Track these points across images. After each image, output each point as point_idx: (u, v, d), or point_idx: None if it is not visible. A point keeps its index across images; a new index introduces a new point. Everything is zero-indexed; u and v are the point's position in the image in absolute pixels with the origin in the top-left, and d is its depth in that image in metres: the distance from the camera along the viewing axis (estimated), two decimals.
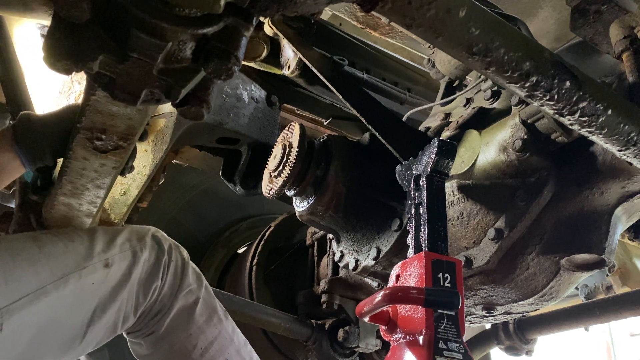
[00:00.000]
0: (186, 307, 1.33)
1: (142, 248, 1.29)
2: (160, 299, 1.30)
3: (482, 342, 2.13)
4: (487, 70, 0.85)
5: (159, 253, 1.31)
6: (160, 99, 0.80)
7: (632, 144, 0.97)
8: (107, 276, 1.22)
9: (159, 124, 1.73)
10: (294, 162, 1.38)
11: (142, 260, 1.28)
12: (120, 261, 1.25)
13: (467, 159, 1.27)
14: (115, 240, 1.27)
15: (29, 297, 1.09)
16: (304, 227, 2.28)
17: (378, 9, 0.74)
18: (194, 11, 0.72)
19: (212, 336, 1.35)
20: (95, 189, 1.33)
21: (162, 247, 1.33)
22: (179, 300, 1.32)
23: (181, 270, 1.34)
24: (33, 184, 1.51)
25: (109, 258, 1.23)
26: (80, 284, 1.17)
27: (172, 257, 1.34)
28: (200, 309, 1.34)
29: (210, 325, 1.35)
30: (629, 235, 1.67)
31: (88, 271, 1.19)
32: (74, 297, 1.16)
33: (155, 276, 1.29)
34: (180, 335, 1.32)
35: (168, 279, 1.31)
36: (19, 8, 1.31)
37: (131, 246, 1.28)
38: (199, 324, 1.33)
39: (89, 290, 1.19)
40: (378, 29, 1.71)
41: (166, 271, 1.31)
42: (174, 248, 1.36)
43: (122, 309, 1.25)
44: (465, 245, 1.27)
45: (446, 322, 0.91)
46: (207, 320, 1.35)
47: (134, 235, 1.31)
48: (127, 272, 1.25)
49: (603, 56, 1.24)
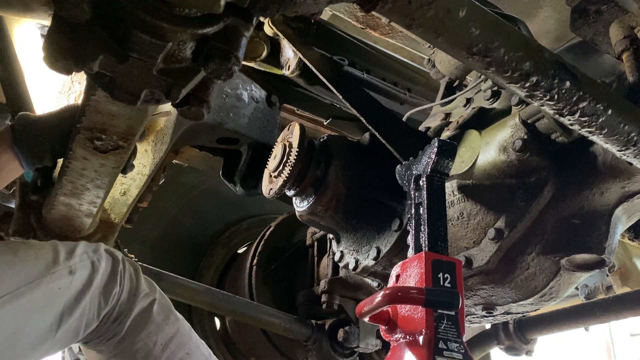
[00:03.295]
0: (144, 308, 1.42)
1: (99, 259, 1.39)
2: (119, 303, 1.40)
3: (482, 342, 2.13)
4: (487, 70, 0.85)
5: (114, 263, 1.41)
6: (160, 99, 0.80)
7: (632, 144, 0.97)
8: (71, 282, 1.31)
9: (159, 124, 1.72)
10: (294, 162, 1.38)
11: (101, 269, 1.37)
12: (82, 269, 1.34)
13: (467, 159, 1.27)
14: (75, 251, 1.36)
15: (7, 297, 1.17)
16: (304, 227, 2.28)
17: (378, 9, 0.74)
18: (194, 11, 0.72)
19: (171, 333, 1.44)
20: (95, 189, 1.33)
21: (116, 258, 1.43)
22: (137, 303, 1.42)
23: (135, 277, 1.45)
24: (33, 184, 1.51)
25: (72, 266, 1.33)
26: (50, 288, 1.26)
27: (126, 266, 1.44)
28: (157, 308, 1.44)
29: (168, 323, 1.44)
30: (629, 235, 1.66)
31: (56, 276, 1.28)
32: (44, 300, 1.25)
33: (114, 283, 1.39)
34: (140, 334, 1.40)
35: (125, 285, 1.41)
36: (19, 8, 1.31)
37: (89, 257, 1.37)
38: (157, 322, 1.43)
39: (57, 295, 1.28)
40: (378, 29, 1.71)
41: (123, 278, 1.41)
42: (126, 259, 1.47)
43: (85, 314, 1.33)
44: (465, 245, 1.27)
45: (446, 322, 0.91)
46: (165, 318, 1.44)
47: (89, 248, 1.40)
48: (89, 280, 1.34)
49: (603, 56, 1.24)
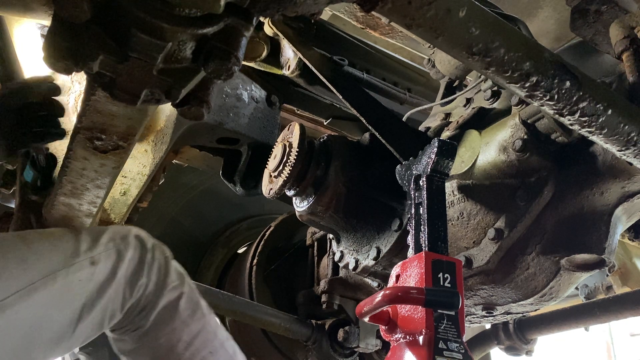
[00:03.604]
0: (171, 302, 1.36)
1: (126, 247, 1.31)
2: (145, 295, 1.32)
3: (482, 342, 2.13)
4: (487, 70, 0.85)
5: (142, 251, 1.34)
6: (160, 99, 0.80)
7: (632, 144, 0.97)
8: (93, 274, 1.23)
9: (159, 124, 1.73)
10: (294, 162, 1.38)
11: (127, 258, 1.30)
12: (106, 259, 1.26)
13: (467, 159, 1.27)
14: (100, 239, 1.29)
15: (19, 293, 1.11)
16: (304, 227, 2.28)
17: (378, 9, 0.74)
18: (194, 11, 0.72)
19: (196, 330, 1.38)
20: (95, 189, 1.33)
21: (145, 246, 1.35)
22: (163, 296, 1.35)
23: (164, 268, 1.37)
24: (33, 184, 1.51)
25: (95, 256, 1.25)
26: (68, 281, 1.19)
27: (155, 255, 1.36)
28: (184, 303, 1.37)
29: (194, 320, 1.38)
30: (629, 235, 1.67)
31: (75, 268, 1.21)
32: (62, 294, 1.19)
33: (140, 274, 1.31)
34: (165, 329, 1.34)
35: (152, 276, 1.34)
36: (19, 8, 1.31)
37: (115, 245, 1.30)
38: (183, 317, 1.36)
39: (77, 288, 1.21)
40: (378, 29, 1.71)
41: (150, 269, 1.34)
42: (156, 247, 1.38)
43: (109, 306, 1.27)
44: (465, 245, 1.27)
45: (446, 322, 0.91)
46: (191, 314, 1.38)
47: (117, 235, 1.33)
48: (113, 270, 1.27)
49: (603, 56, 1.24)
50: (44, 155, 1.49)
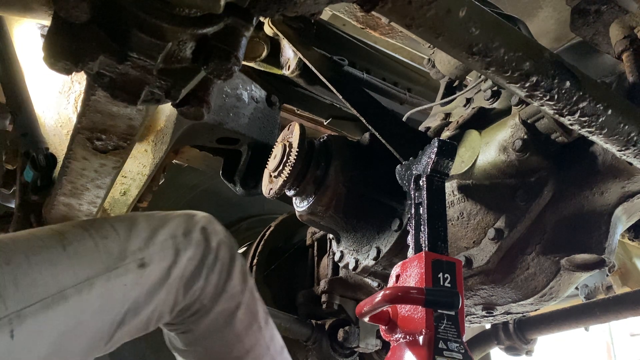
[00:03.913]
0: (227, 311, 1.23)
1: (187, 245, 1.18)
2: (200, 299, 1.20)
3: (482, 342, 2.13)
4: (487, 70, 0.85)
5: (205, 251, 1.21)
6: (160, 99, 0.80)
7: (632, 144, 0.97)
8: (142, 277, 1.11)
9: (159, 124, 1.73)
10: (294, 162, 1.38)
11: (185, 258, 1.17)
12: (160, 260, 1.14)
13: (467, 159, 1.27)
14: (157, 235, 1.15)
15: (45, 301, 0.98)
16: (304, 227, 2.28)
17: (378, 9, 0.74)
18: (194, 11, 0.72)
19: (249, 345, 1.26)
20: (95, 189, 1.33)
21: (209, 244, 1.22)
22: (220, 303, 1.22)
23: (227, 270, 1.24)
24: (33, 184, 1.51)
25: (145, 257, 1.12)
26: (109, 286, 1.06)
27: (219, 255, 1.23)
28: (241, 315, 1.25)
29: (248, 333, 1.26)
30: (629, 235, 1.67)
31: (119, 272, 1.08)
32: (102, 301, 1.06)
33: (198, 276, 1.19)
34: (216, 339, 1.24)
35: (212, 279, 1.21)
36: (19, 8, 1.31)
37: (174, 243, 1.17)
38: (238, 330, 1.25)
39: (120, 293, 1.08)
40: (378, 29, 1.71)
41: (211, 271, 1.21)
42: (222, 245, 1.25)
43: (158, 309, 1.15)
44: (465, 245, 1.27)
45: (446, 322, 0.91)
46: (247, 327, 1.26)
47: (180, 229, 1.19)
48: (166, 272, 1.14)
49: (603, 56, 1.23)
50: (44, 155, 1.49)
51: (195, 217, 1.26)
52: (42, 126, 1.63)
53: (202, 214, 1.29)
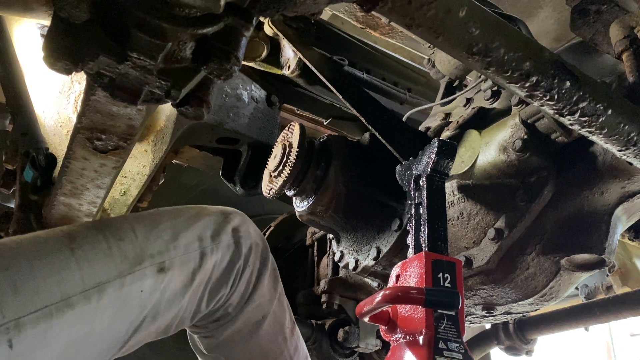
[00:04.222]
0: (252, 321, 1.16)
1: (215, 248, 1.08)
2: (225, 307, 1.13)
3: (482, 342, 2.13)
4: (487, 70, 0.85)
5: (234, 256, 1.11)
6: (160, 99, 0.80)
7: (632, 144, 0.97)
8: (162, 282, 1.02)
9: (159, 124, 1.73)
10: (294, 162, 1.38)
11: (212, 262, 1.08)
12: (182, 265, 1.04)
13: (467, 159, 1.27)
14: (180, 237, 1.05)
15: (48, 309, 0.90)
16: (304, 227, 2.28)
17: (378, 9, 0.74)
18: (194, 11, 0.72)
19: (273, 357, 1.20)
20: (95, 189, 1.33)
21: (240, 248, 1.13)
22: (246, 312, 1.15)
23: (256, 277, 1.16)
24: (33, 184, 1.51)
25: (166, 261, 1.02)
26: (124, 292, 0.98)
27: (249, 261, 1.14)
28: (268, 326, 1.18)
29: (273, 345, 1.20)
30: (629, 235, 1.66)
31: (135, 277, 0.99)
32: (115, 308, 0.97)
33: (225, 283, 1.10)
34: (238, 349, 1.17)
35: (239, 287, 1.12)
36: (19, 8, 1.31)
37: (201, 246, 1.07)
38: (262, 342, 1.18)
39: (137, 299, 0.99)
40: (378, 29, 1.71)
41: (238, 278, 1.12)
42: (253, 249, 1.16)
43: (179, 315, 1.07)
44: (465, 245, 1.27)
45: (446, 322, 0.91)
46: (272, 339, 1.20)
47: (209, 231, 1.09)
48: (190, 277, 1.05)
49: (603, 56, 1.24)
50: (44, 155, 1.49)
51: (229, 216, 1.16)
52: (42, 126, 1.63)
53: (237, 212, 1.20)
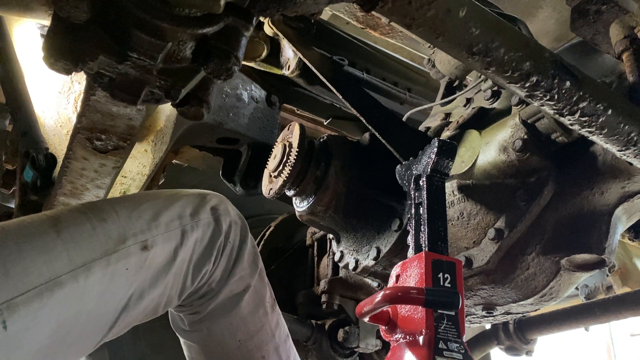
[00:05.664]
0: (234, 294, 1.21)
1: (195, 226, 1.13)
2: (209, 283, 1.18)
3: (482, 342, 2.13)
4: (487, 70, 0.85)
5: (215, 233, 1.16)
6: (160, 99, 0.80)
7: (632, 144, 0.97)
8: (145, 260, 1.05)
9: (159, 124, 1.73)
10: (294, 162, 1.38)
11: (193, 240, 1.12)
12: (164, 242, 1.08)
13: (467, 159, 1.27)
14: (161, 216, 1.10)
15: (39, 289, 0.93)
16: (304, 227, 2.28)
17: (378, 9, 0.74)
18: (194, 11, 0.72)
19: (254, 329, 1.25)
20: (95, 189, 1.34)
21: (220, 225, 1.17)
22: (228, 285, 1.20)
23: (237, 253, 1.21)
24: (33, 184, 1.51)
25: (149, 239, 1.06)
26: (110, 271, 1.01)
27: (229, 238, 1.18)
28: (248, 298, 1.23)
29: (254, 318, 1.25)
30: (629, 235, 1.67)
31: (120, 256, 1.03)
32: (102, 286, 1.01)
33: (207, 259, 1.15)
34: (221, 321, 1.22)
35: (221, 263, 1.17)
36: (19, 8, 1.31)
37: (181, 224, 1.11)
38: (243, 314, 1.23)
39: (123, 277, 1.03)
40: (378, 29, 1.71)
41: (220, 254, 1.17)
42: (233, 226, 1.20)
43: (166, 294, 1.11)
44: (466, 245, 1.27)
45: (446, 322, 0.91)
46: (253, 311, 1.25)
47: (188, 209, 1.13)
48: (172, 255, 1.09)
49: (603, 56, 1.24)
50: (43, 155, 1.49)
51: (206, 197, 1.21)
52: (42, 126, 1.63)
53: (214, 193, 1.24)
